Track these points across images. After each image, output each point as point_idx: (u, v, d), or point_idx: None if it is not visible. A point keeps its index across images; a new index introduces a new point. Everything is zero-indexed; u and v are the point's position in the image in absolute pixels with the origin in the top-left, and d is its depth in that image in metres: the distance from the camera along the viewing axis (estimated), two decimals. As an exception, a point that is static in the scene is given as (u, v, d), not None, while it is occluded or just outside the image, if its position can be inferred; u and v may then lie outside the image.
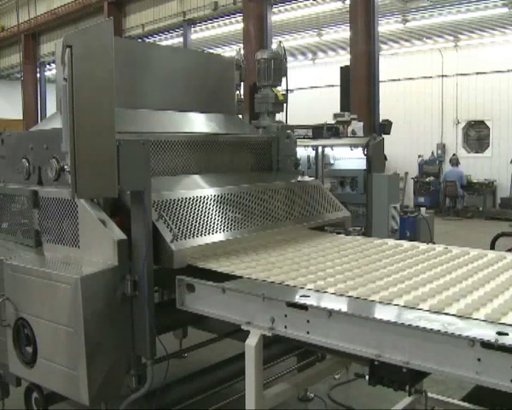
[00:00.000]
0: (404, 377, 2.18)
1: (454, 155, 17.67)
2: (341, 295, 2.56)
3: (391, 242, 3.83)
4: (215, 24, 16.97)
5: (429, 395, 3.61)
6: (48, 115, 9.95)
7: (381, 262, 3.20)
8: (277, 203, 3.91)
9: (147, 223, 2.89)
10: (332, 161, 7.24)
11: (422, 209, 8.76)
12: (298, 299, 2.51)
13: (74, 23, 19.84)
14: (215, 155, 4.09)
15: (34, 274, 2.99)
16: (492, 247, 5.56)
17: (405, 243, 3.78)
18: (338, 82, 11.54)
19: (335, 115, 8.50)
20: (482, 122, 17.89)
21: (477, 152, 18.08)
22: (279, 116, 4.80)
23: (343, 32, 15.86)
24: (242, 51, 5.76)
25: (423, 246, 3.67)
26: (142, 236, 2.89)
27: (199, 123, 4.24)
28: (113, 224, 2.93)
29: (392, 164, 16.50)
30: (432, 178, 17.28)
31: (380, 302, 2.43)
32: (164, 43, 18.09)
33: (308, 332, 2.42)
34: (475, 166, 17.69)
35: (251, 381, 2.60)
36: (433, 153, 18.31)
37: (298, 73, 18.26)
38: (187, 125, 4.13)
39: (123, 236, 2.88)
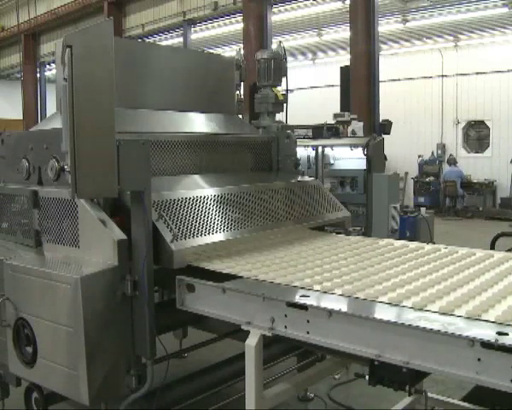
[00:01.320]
0: (404, 377, 2.18)
1: (451, 155, 17.70)
2: (341, 295, 2.56)
3: (392, 242, 3.83)
4: (215, 24, 16.98)
5: (429, 395, 3.61)
6: (48, 115, 9.96)
7: (380, 262, 3.20)
8: (277, 203, 3.91)
9: (147, 223, 2.89)
10: (332, 161, 7.23)
11: (422, 209, 8.76)
12: (298, 299, 2.51)
13: (74, 23, 19.84)
14: (215, 155, 4.09)
15: (34, 274, 2.99)
16: (492, 247, 5.55)
17: (411, 244, 3.77)
18: (338, 82, 11.54)
19: (335, 115, 8.50)
20: (482, 122, 17.89)
21: (477, 152, 18.08)
22: (279, 116, 4.80)
23: (343, 32, 15.86)
24: (242, 51, 5.75)
25: (428, 247, 3.66)
26: (142, 236, 2.88)
27: (199, 123, 4.23)
28: (113, 224, 2.93)
29: (392, 164, 16.50)
30: (432, 178, 17.29)
31: (380, 302, 2.44)
32: (164, 43, 18.09)
33: (308, 332, 2.42)
34: (475, 166, 17.69)
35: (251, 381, 2.60)
36: (433, 153, 18.32)
37: (298, 73, 18.27)
38: (187, 125, 4.13)
39: (123, 236, 2.88)
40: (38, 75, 23.88)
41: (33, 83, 23.64)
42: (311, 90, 20.14)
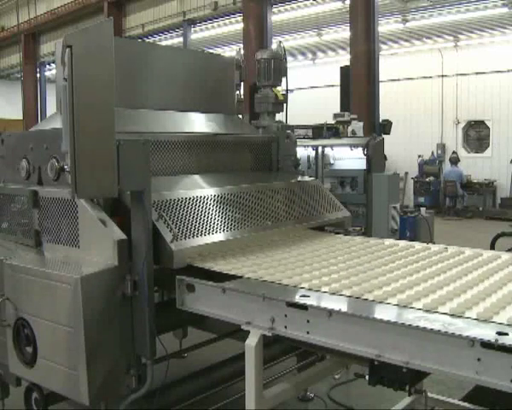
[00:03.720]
0: (404, 377, 2.18)
1: (454, 152, 17.58)
2: (341, 295, 2.56)
3: (390, 242, 3.83)
4: (215, 24, 16.98)
5: (429, 395, 3.61)
6: (48, 115, 9.96)
7: (377, 261, 3.21)
8: (277, 203, 3.91)
9: (147, 223, 2.89)
10: (332, 161, 7.23)
11: (422, 209, 8.75)
12: (298, 299, 2.51)
13: (74, 23, 19.83)
14: (215, 155, 4.09)
15: (34, 274, 2.99)
16: (492, 247, 5.56)
17: (401, 243, 3.79)
18: (338, 82, 11.53)
19: (335, 115, 8.48)
20: (482, 122, 17.89)
21: (477, 152, 18.08)
22: (279, 116, 4.80)
23: (343, 32, 15.87)
24: (242, 51, 5.75)
25: (418, 246, 3.68)
26: (142, 236, 2.88)
27: (199, 123, 4.23)
28: (113, 224, 2.93)
29: (392, 164, 16.50)
30: (432, 178, 17.28)
31: (380, 302, 2.44)
32: (164, 43, 18.09)
33: (308, 332, 2.42)
34: (475, 166, 17.69)
35: (251, 381, 2.60)
36: (433, 153, 18.31)
37: (298, 73, 18.26)
38: (187, 125, 4.13)
39: (123, 236, 2.88)
40: (38, 75, 23.87)
41: (33, 83, 23.63)
42: (311, 90, 20.14)
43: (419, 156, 18.17)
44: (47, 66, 23.78)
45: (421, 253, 3.46)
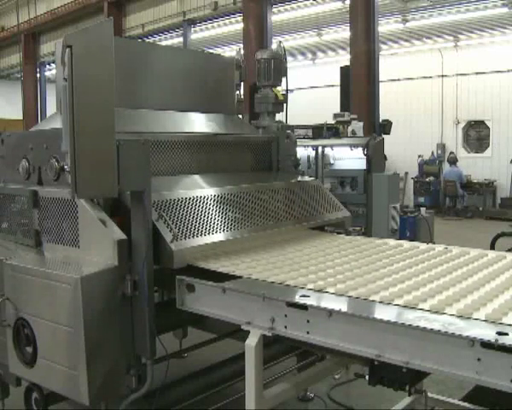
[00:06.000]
0: (404, 377, 2.18)
1: (452, 153, 17.59)
2: (341, 295, 2.56)
3: (391, 242, 3.83)
4: (215, 24, 16.98)
5: (429, 395, 3.61)
6: (48, 115, 9.95)
7: (380, 262, 3.21)
8: (277, 203, 3.91)
9: (147, 223, 2.89)
10: (332, 161, 7.24)
11: (422, 209, 8.76)
12: (298, 299, 2.51)
13: (74, 23, 19.84)
14: (215, 155, 4.09)
15: (34, 274, 2.99)
16: (492, 247, 5.56)
17: (405, 243, 3.79)
18: (338, 82, 11.54)
19: (335, 115, 8.49)
20: (482, 122, 17.89)
21: (477, 152, 18.09)
22: (279, 116, 4.80)
23: (343, 32, 15.87)
24: (242, 51, 5.75)
25: (423, 246, 3.67)
26: (142, 236, 2.88)
27: (199, 123, 4.23)
28: (113, 224, 2.93)
29: (392, 164, 16.50)
30: (432, 178, 17.28)
31: (380, 302, 2.44)
32: (164, 43, 18.10)
33: (308, 332, 2.42)
34: (475, 166, 17.69)
35: (251, 381, 2.60)
36: (433, 153, 18.32)
37: (298, 73, 18.25)
38: (187, 125, 4.13)
39: (123, 236, 2.88)
40: (38, 75, 23.87)
41: (33, 83, 23.63)
42: (311, 90, 20.14)
43: (419, 156, 18.17)
44: (47, 66, 23.78)
45: (409, 251, 3.47)
